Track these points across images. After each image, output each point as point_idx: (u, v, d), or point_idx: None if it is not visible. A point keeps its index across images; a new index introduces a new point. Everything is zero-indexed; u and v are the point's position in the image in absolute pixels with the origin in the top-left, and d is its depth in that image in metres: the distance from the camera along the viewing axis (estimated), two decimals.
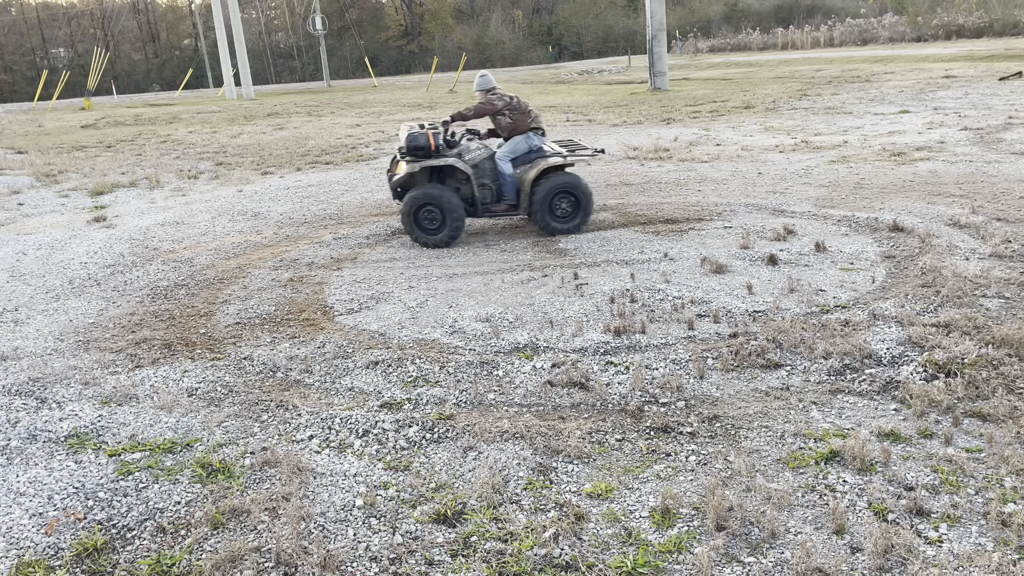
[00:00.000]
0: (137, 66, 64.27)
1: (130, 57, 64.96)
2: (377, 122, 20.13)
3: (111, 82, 49.83)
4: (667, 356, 4.38)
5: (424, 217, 7.07)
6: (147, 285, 6.36)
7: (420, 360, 4.52)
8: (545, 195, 7.13)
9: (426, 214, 7.06)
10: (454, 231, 7.07)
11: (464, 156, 7.21)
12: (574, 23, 66.27)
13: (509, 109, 7.30)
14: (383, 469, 3.40)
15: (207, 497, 3.21)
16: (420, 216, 7.07)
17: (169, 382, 4.38)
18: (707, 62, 40.24)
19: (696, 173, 9.97)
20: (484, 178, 7.30)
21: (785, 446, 3.41)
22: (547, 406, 3.90)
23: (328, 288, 6.04)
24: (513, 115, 7.32)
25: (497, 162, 7.31)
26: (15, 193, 11.41)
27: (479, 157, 7.29)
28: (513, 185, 7.27)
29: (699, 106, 18.48)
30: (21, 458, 3.60)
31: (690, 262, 6.10)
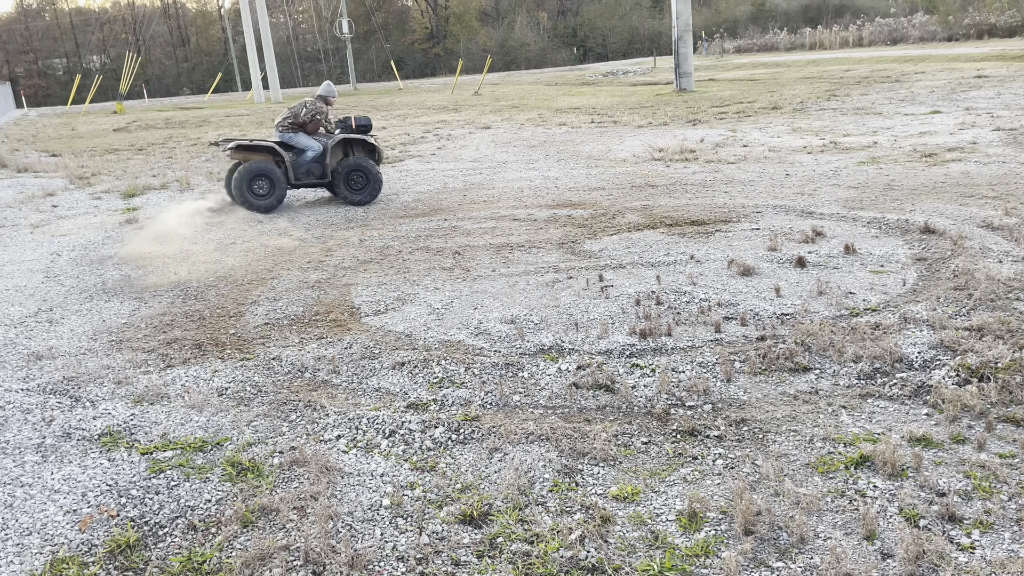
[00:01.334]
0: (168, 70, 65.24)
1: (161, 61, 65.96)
2: (403, 124, 20.24)
3: (142, 86, 50.60)
4: (694, 359, 4.36)
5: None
6: (179, 285, 6.45)
7: (446, 361, 4.54)
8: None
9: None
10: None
11: None
12: (599, 25, 66.14)
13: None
14: (409, 469, 3.42)
15: (237, 495, 3.25)
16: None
17: (200, 382, 4.44)
18: (733, 63, 39.95)
19: (723, 175, 9.91)
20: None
21: (814, 450, 3.38)
22: (572, 408, 3.90)
23: (355, 289, 6.09)
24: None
25: None
26: (49, 195, 11.63)
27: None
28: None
29: (725, 107, 18.36)
30: (56, 456, 3.68)
31: (717, 264, 6.06)
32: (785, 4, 59.07)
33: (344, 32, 47.31)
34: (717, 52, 50.93)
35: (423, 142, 16.19)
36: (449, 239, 7.53)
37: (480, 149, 14.26)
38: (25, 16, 66.93)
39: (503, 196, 9.57)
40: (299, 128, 9.35)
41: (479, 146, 14.73)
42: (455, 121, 20.30)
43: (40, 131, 26.90)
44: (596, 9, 68.58)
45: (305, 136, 9.32)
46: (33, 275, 7.09)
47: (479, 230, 7.83)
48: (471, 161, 12.83)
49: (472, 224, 8.13)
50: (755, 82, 25.94)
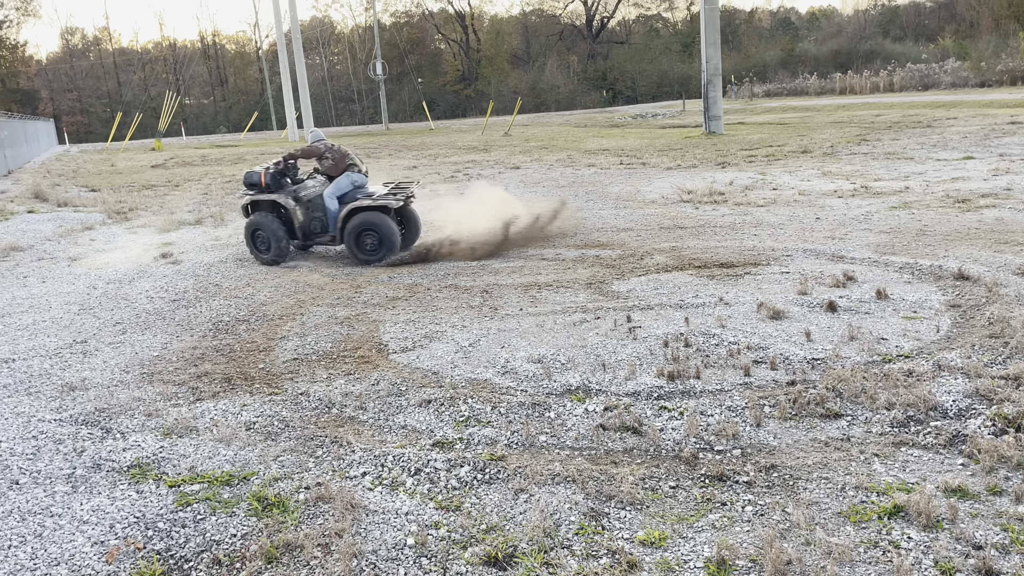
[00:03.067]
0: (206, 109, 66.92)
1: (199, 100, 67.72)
2: (433, 164, 20.50)
3: (181, 124, 51.93)
4: (722, 402, 4.31)
5: (258, 239, 8.64)
6: (209, 320, 6.54)
7: (472, 400, 4.54)
8: (352, 231, 8.36)
9: (259, 237, 8.62)
10: (279, 253, 8.58)
11: (299, 192, 8.67)
12: (628, 68, 66.85)
13: (330, 153, 8.61)
14: (434, 508, 3.41)
15: (262, 531, 3.26)
16: (255, 238, 8.65)
17: (228, 415, 4.48)
18: (763, 106, 40.08)
19: (752, 217, 9.88)
20: (314, 212, 8.69)
21: (846, 499, 3.31)
22: (599, 450, 3.87)
23: (383, 326, 6.13)
24: (333, 157, 8.61)
25: (324, 199, 8.58)
26: (88, 229, 11.91)
27: (311, 194, 8.70)
28: (336, 219, 8.53)
29: (755, 150, 18.37)
30: (85, 486, 3.71)
31: (746, 307, 6.02)
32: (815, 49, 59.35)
33: (378, 73, 48.29)
34: (746, 96, 51.15)
35: (453, 181, 16.37)
36: (477, 277, 7.57)
37: (509, 189, 14.37)
38: (71, 56, 69.27)
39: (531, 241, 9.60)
40: None
41: (508, 186, 14.84)
42: (485, 161, 20.52)
43: (81, 166, 27.65)
44: (626, 53, 69.41)
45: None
46: (69, 307, 7.24)
47: (507, 269, 7.86)
48: (499, 201, 12.91)
49: (500, 263, 8.17)
50: (785, 126, 25.97)
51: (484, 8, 75.50)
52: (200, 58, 71.11)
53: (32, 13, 68.99)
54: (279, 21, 41.26)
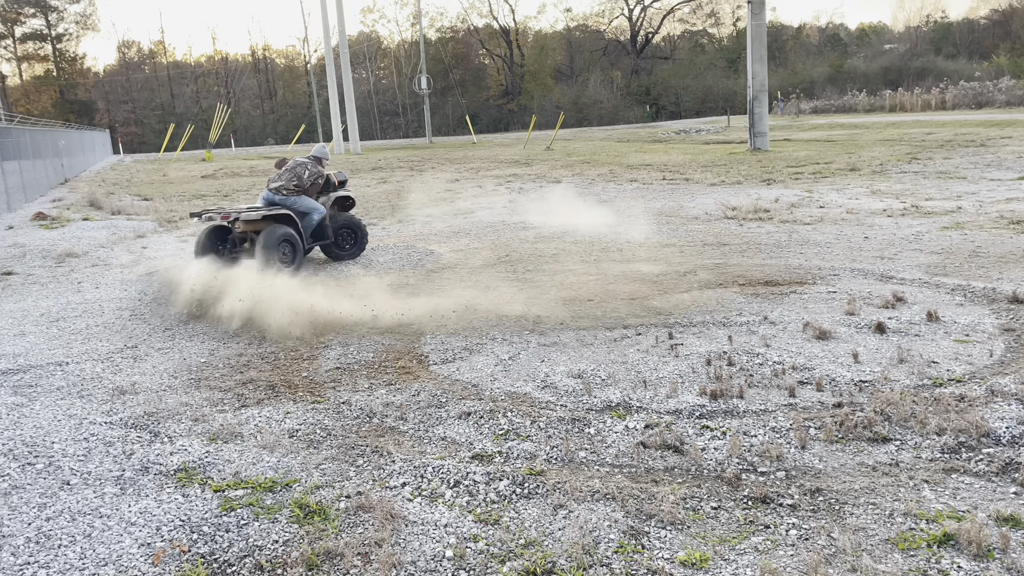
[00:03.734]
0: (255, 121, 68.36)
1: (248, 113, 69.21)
2: (475, 177, 20.64)
3: (230, 135, 53.11)
4: (766, 423, 4.24)
5: None
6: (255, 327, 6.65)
7: (512, 413, 4.54)
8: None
9: None
10: None
11: None
12: (673, 84, 66.62)
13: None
14: (473, 521, 3.41)
15: (303, 538, 3.29)
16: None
17: (272, 422, 4.55)
18: (810, 123, 39.57)
19: (798, 235, 9.74)
20: None
21: (894, 526, 3.23)
22: (640, 468, 3.83)
23: (424, 337, 6.17)
24: None
25: None
26: (140, 237, 12.22)
27: None
28: None
29: (801, 167, 18.14)
30: (134, 489, 3.79)
31: (791, 326, 5.93)
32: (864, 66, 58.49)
33: (423, 88, 48.87)
34: (793, 112, 50.56)
35: (495, 195, 16.45)
36: (519, 290, 7.58)
37: (551, 203, 14.39)
38: (127, 68, 71.43)
39: (573, 250, 9.61)
40: (303, 192, 9.13)
41: (550, 200, 14.87)
42: (527, 175, 20.59)
43: (134, 176, 28.43)
44: (670, 68, 69.20)
45: (309, 199, 9.16)
46: (121, 312, 7.42)
47: (548, 283, 7.87)
48: (541, 215, 12.95)
49: (541, 276, 8.17)
50: (832, 143, 25.59)
51: (529, 24, 75.97)
52: (250, 71, 72.75)
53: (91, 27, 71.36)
54: (328, 36, 42.05)
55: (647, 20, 72.70)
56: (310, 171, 9.21)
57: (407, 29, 72.90)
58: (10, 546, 3.31)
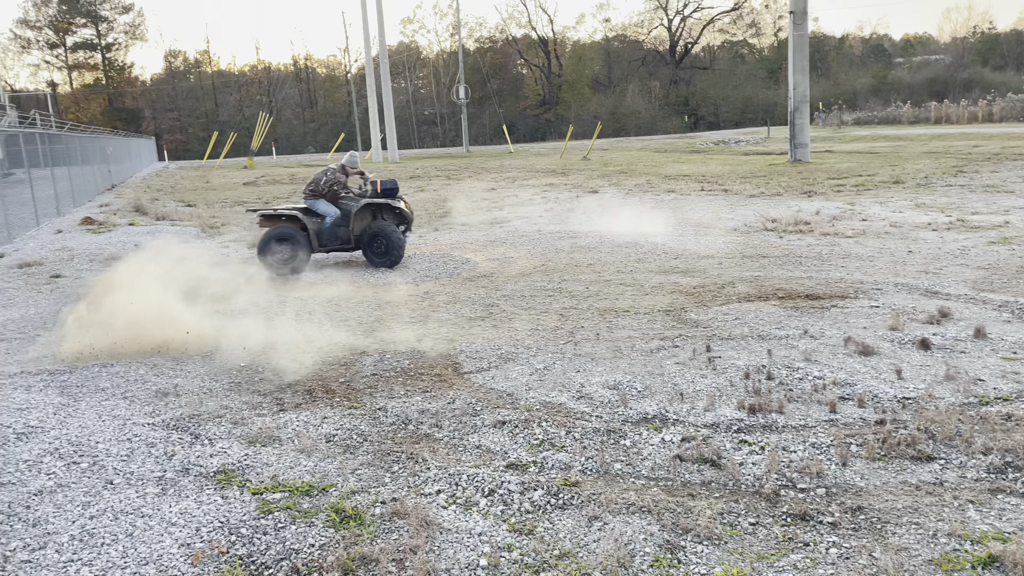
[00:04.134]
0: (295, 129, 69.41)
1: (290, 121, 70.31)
2: (512, 187, 20.69)
3: (272, 143, 53.97)
4: (806, 439, 4.17)
5: None
6: (295, 332, 6.73)
7: (547, 423, 4.52)
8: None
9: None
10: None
11: None
12: (712, 94, 66.19)
13: None
14: (507, 531, 3.40)
15: (339, 542, 3.32)
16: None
17: (309, 427, 4.59)
18: (852, 135, 38.99)
19: (840, 248, 9.59)
20: None
21: (938, 546, 3.15)
22: (676, 481, 3.79)
23: (459, 345, 6.19)
24: None
25: None
26: (183, 242, 12.45)
27: None
28: None
29: (843, 179, 17.87)
30: (174, 490, 3.86)
31: (833, 341, 5.83)
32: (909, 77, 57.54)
33: (460, 97, 49.21)
34: (835, 123, 49.86)
35: (531, 204, 16.47)
36: (554, 300, 7.57)
37: (587, 213, 14.37)
38: (173, 77, 73.08)
39: (609, 260, 9.58)
40: (320, 196, 9.63)
41: (586, 210, 14.85)
42: (563, 185, 20.59)
43: (178, 182, 29.03)
44: (709, 79, 68.76)
45: (324, 203, 9.60)
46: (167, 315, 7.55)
47: (584, 293, 7.84)
48: (578, 224, 12.94)
49: (578, 286, 8.15)
50: (875, 155, 25.18)
51: (567, 34, 76.12)
52: (292, 81, 73.94)
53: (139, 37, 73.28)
54: (368, 46, 42.60)
55: (687, 30, 72.41)
56: (328, 177, 9.69)
57: (446, 39, 73.56)
58: (55, 543, 3.39)
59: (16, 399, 5.18)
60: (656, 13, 72.22)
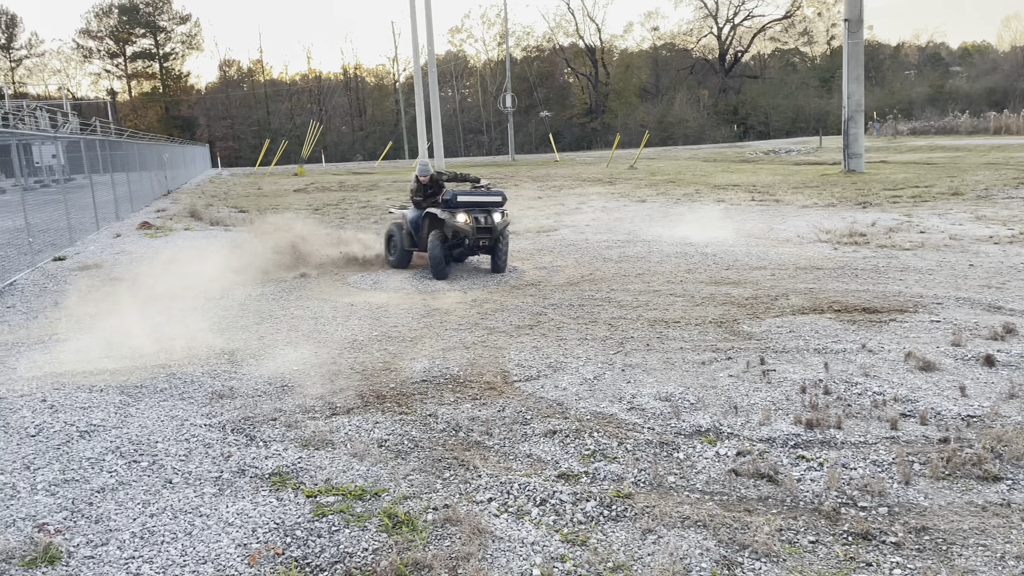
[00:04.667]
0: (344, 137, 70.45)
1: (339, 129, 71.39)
2: (558, 195, 20.67)
3: (321, 151, 54.83)
4: (866, 456, 4.06)
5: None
6: (346, 338, 6.81)
7: (598, 434, 4.49)
8: None
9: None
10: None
11: None
12: (762, 103, 65.34)
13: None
14: (560, 541, 3.38)
15: (392, 547, 3.33)
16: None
17: (361, 431, 4.63)
18: (907, 145, 38.09)
19: (897, 261, 9.36)
20: None
21: (1006, 569, 3.04)
22: (732, 496, 3.73)
23: (507, 353, 6.18)
24: None
25: None
26: (237, 247, 12.69)
27: None
28: None
29: (899, 190, 17.45)
30: (231, 490, 3.92)
31: (892, 356, 5.67)
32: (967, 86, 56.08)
33: (507, 106, 49.39)
34: (890, 133, 48.78)
35: (577, 213, 16.43)
36: (603, 310, 7.52)
37: (635, 223, 14.28)
38: (227, 86, 74.80)
39: (658, 270, 9.49)
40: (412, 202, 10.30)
41: (634, 219, 14.76)
42: (610, 194, 20.50)
43: (231, 189, 29.67)
44: (759, 87, 67.91)
45: (409, 209, 10.38)
46: (219, 320, 7.71)
47: (633, 303, 7.78)
48: (625, 234, 12.86)
49: (626, 296, 8.09)
50: (932, 166, 24.55)
51: (615, 43, 75.89)
52: (342, 90, 75.10)
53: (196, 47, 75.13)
54: (416, 55, 43.01)
55: (737, 39, 71.66)
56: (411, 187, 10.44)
57: (493, 48, 73.93)
58: (117, 540, 3.46)
59: (79, 398, 5.33)
60: (706, 21, 71.63)
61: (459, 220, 9.44)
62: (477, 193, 9.74)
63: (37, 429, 4.76)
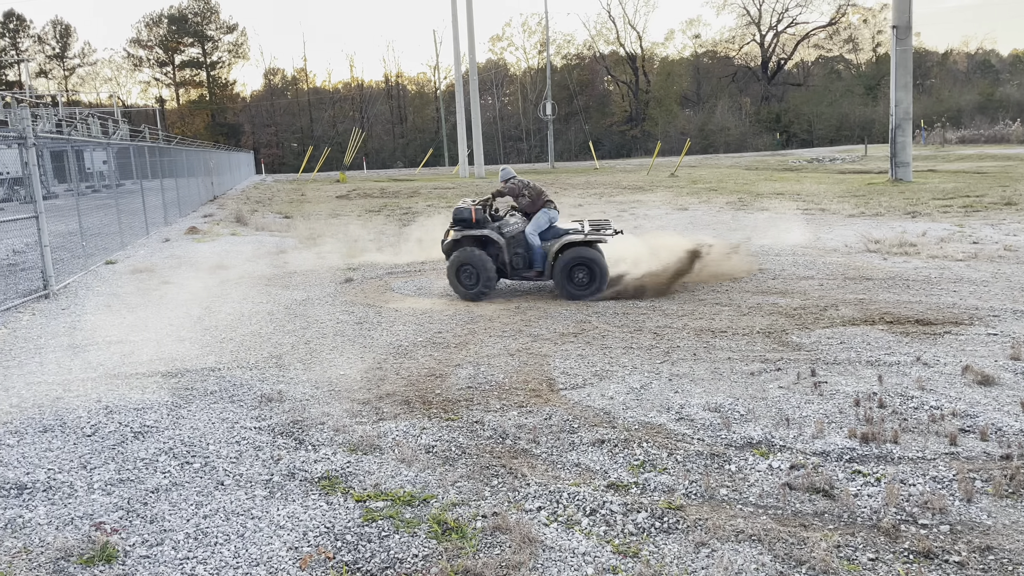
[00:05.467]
0: (385, 144, 71.13)
1: (380, 136, 72.11)
2: (598, 202, 20.59)
3: (363, 158, 55.44)
4: (925, 472, 3.95)
5: (463, 273, 8.67)
6: (390, 344, 6.85)
7: (647, 444, 4.44)
8: (564, 265, 8.48)
9: (465, 271, 8.65)
10: (487, 286, 8.64)
11: (502, 229, 8.86)
12: (805, 111, 64.42)
13: (527, 190, 9.09)
14: (611, 552, 3.34)
15: (442, 554, 3.32)
16: (460, 272, 8.68)
17: (409, 437, 4.64)
18: (956, 153, 37.22)
19: (950, 272, 9.12)
20: (517, 247, 8.84)
21: None
22: (786, 510, 3.65)
23: (552, 361, 6.15)
24: (530, 195, 9.07)
25: (527, 236, 8.81)
26: (281, 252, 12.89)
27: (514, 230, 8.87)
28: (541, 255, 8.76)
29: (949, 200, 17.04)
30: (281, 493, 3.95)
31: (948, 369, 5.52)
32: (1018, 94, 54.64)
33: (547, 114, 49.43)
34: (937, 142, 47.72)
35: (618, 221, 16.34)
36: (648, 319, 7.45)
37: (677, 230, 14.14)
38: (271, 94, 76.08)
39: (703, 279, 9.37)
40: None
41: (676, 227, 14.62)
42: (651, 201, 20.36)
43: (275, 195, 30.12)
44: (803, 95, 66.97)
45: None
46: (266, 324, 7.82)
47: (678, 312, 7.70)
48: (667, 242, 12.73)
49: (671, 305, 8.01)
50: (983, 175, 23.94)
51: (656, 50, 75.50)
52: (383, 97, 75.89)
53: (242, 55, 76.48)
54: (458, 64, 43.32)
55: (780, 46, 70.78)
56: None
57: (534, 56, 74.09)
58: (171, 540, 3.51)
59: (133, 399, 5.43)
60: (748, 29, 70.87)
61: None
62: None
63: (93, 429, 4.86)
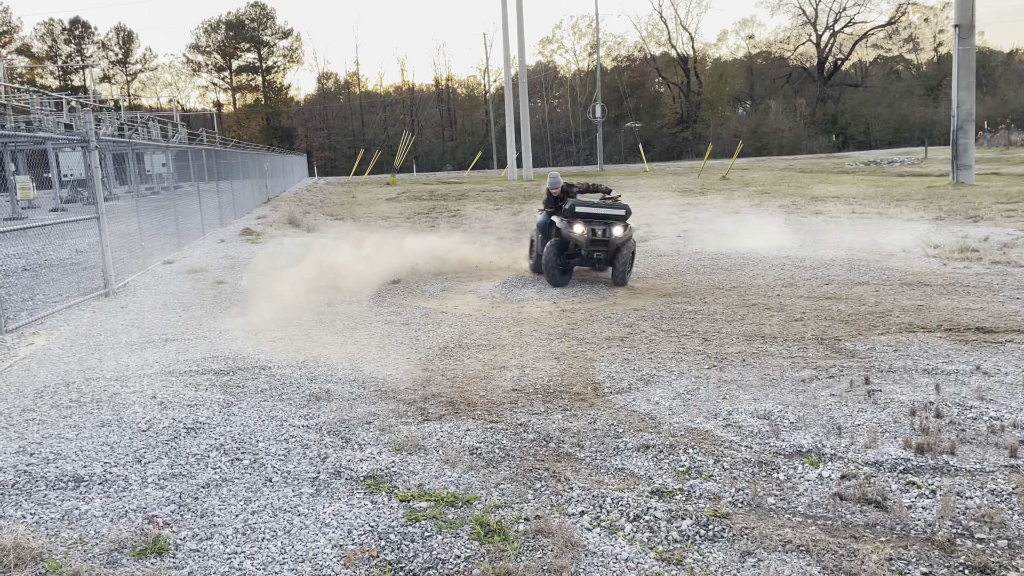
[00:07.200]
0: (435, 147, 71.76)
1: (430, 139, 72.78)
2: (647, 205, 20.42)
3: (413, 161, 56.00)
4: (983, 484, 3.81)
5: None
6: (436, 345, 6.89)
7: (693, 450, 4.38)
8: None
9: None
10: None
11: None
12: (863, 112, 62.95)
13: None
14: (655, 559, 3.30)
15: (484, 556, 3.32)
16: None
17: (453, 438, 4.66)
18: (1021, 156, 35.94)
19: (1014, 279, 8.81)
20: None
21: None
22: (836, 521, 3.56)
23: (598, 365, 6.12)
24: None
25: None
26: (329, 253, 13.06)
27: None
28: None
29: (1014, 204, 16.46)
30: (327, 491, 4.01)
31: (1010, 378, 5.33)
32: None
33: (596, 116, 49.24)
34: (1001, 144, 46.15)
35: (668, 223, 16.19)
36: (696, 323, 7.36)
37: (728, 233, 13.95)
38: (324, 98, 77.41)
39: (753, 283, 9.23)
40: None
41: (727, 230, 14.42)
42: (701, 204, 20.12)
43: (327, 197, 30.61)
44: (860, 96, 65.48)
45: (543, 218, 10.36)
46: (314, 323, 7.94)
47: (727, 316, 7.59)
48: (718, 245, 12.58)
49: (720, 309, 7.90)
50: None
51: (708, 51, 74.65)
52: (434, 101, 76.58)
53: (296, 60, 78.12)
54: (507, 66, 43.47)
55: (837, 46, 69.33)
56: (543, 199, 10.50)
57: (583, 59, 73.94)
58: (220, 535, 3.58)
59: (186, 396, 5.57)
60: (804, 29, 69.62)
61: (575, 231, 9.27)
62: (599, 205, 9.42)
63: (147, 424, 5.00)
